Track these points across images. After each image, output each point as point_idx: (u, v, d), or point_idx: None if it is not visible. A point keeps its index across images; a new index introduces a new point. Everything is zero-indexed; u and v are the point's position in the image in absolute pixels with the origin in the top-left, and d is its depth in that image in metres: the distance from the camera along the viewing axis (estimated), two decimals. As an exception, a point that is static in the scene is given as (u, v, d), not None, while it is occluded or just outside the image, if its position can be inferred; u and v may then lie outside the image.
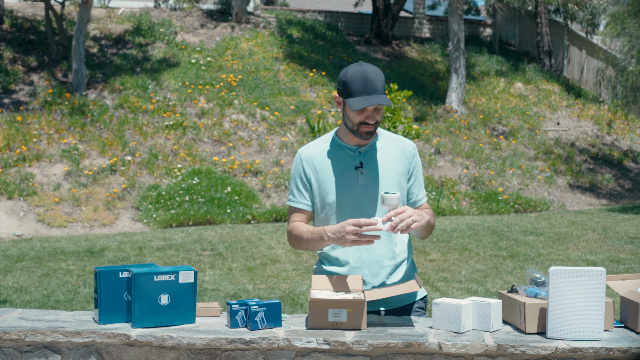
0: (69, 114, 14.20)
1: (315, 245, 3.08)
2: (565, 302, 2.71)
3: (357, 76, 3.00)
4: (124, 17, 19.02)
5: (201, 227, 11.50)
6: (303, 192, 3.16)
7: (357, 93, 3.00)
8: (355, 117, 3.03)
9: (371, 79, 2.99)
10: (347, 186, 3.09)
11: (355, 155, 3.12)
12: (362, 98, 2.99)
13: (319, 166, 3.13)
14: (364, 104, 2.97)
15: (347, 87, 3.02)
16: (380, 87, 3.01)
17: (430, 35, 22.77)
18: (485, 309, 2.84)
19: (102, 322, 2.90)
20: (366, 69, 3.02)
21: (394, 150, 3.16)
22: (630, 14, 15.11)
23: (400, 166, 3.15)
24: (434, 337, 2.76)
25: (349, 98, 3.01)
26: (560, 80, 20.48)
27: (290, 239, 3.18)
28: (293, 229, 3.15)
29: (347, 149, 3.13)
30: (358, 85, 2.99)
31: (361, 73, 3.00)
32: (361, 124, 3.04)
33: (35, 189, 12.16)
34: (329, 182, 3.11)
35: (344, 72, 3.06)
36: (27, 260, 9.09)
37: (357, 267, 3.11)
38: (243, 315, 2.89)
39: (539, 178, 15.16)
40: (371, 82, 2.99)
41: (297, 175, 3.18)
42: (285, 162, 14.08)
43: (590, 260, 8.84)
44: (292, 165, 3.23)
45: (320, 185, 3.13)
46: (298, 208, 3.18)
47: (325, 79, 17.25)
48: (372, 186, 3.10)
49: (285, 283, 7.90)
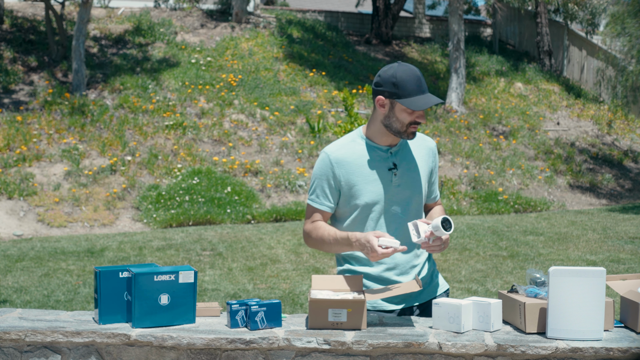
0: (69, 114, 14.20)
1: (339, 249, 3.06)
2: (565, 302, 2.71)
3: (410, 76, 2.97)
4: (124, 17, 19.02)
5: (201, 227, 11.50)
6: (328, 194, 3.09)
7: (413, 93, 2.96)
8: (406, 117, 3.00)
9: (421, 77, 3.00)
10: (380, 188, 3.06)
11: (387, 156, 3.09)
12: (421, 97, 2.96)
13: (350, 168, 3.06)
14: (426, 104, 2.95)
15: (401, 87, 2.97)
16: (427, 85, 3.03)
17: (430, 35, 22.77)
18: (485, 309, 2.84)
19: (102, 322, 2.90)
20: (412, 68, 3.00)
21: (420, 149, 3.17)
22: (630, 14, 15.10)
23: (427, 165, 3.18)
24: (434, 337, 2.76)
25: (403, 99, 2.97)
26: (560, 80, 20.48)
27: (308, 238, 3.14)
28: (313, 230, 3.10)
29: (379, 149, 3.09)
30: (412, 85, 2.96)
31: (413, 72, 2.98)
32: (411, 124, 3.01)
33: (35, 189, 12.16)
34: (362, 184, 3.06)
35: (389, 73, 3.00)
36: (27, 260, 9.09)
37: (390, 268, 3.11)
38: (243, 315, 2.89)
39: (539, 178, 15.16)
40: (422, 80, 2.99)
41: (323, 177, 3.09)
42: (285, 162, 14.08)
43: (590, 260, 8.84)
44: (316, 165, 3.11)
45: (352, 187, 3.06)
46: (320, 209, 3.11)
47: (325, 79, 17.25)
48: (405, 187, 3.10)
49: (285, 283, 7.90)
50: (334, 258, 9.21)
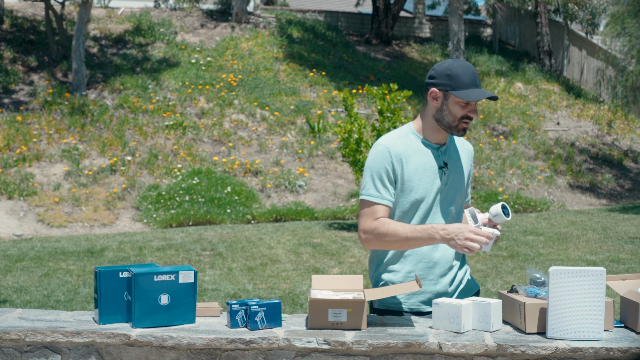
0: (69, 114, 14.20)
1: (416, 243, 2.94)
2: (565, 302, 2.71)
3: (465, 69, 2.98)
4: (124, 17, 19.02)
5: (201, 227, 11.50)
6: (388, 188, 3.01)
7: (467, 85, 2.97)
8: (459, 110, 2.99)
9: (475, 71, 3.01)
10: (432, 185, 3.05)
11: (438, 154, 3.09)
12: (475, 90, 2.97)
13: (407, 162, 3.03)
14: (480, 95, 2.95)
15: (456, 80, 2.97)
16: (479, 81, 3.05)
17: (430, 35, 22.76)
18: (485, 309, 2.84)
19: (102, 322, 2.90)
20: (468, 63, 3.03)
21: (462, 151, 3.19)
22: (630, 14, 15.10)
23: (467, 167, 3.20)
24: (434, 337, 2.76)
25: (457, 90, 2.97)
26: (560, 80, 20.48)
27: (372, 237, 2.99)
28: (381, 226, 2.96)
29: (431, 147, 3.08)
30: (468, 78, 2.97)
31: (468, 67, 3.00)
32: (463, 119, 3.01)
33: (35, 189, 12.16)
34: (416, 180, 3.03)
35: (444, 66, 3.01)
36: (27, 260, 9.09)
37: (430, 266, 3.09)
38: (243, 315, 2.89)
39: (539, 178, 15.16)
40: (476, 75, 3.01)
41: (382, 169, 3.00)
42: (285, 162, 14.08)
43: (590, 260, 8.84)
44: (373, 158, 3.00)
45: (407, 182, 3.03)
46: (382, 204, 3.00)
47: (325, 79, 17.24)
48: (451, 187, 3.10)
49: (285, 283, 7.90)
50: (333, 258, 9.20)
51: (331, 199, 13.24)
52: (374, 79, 18.16)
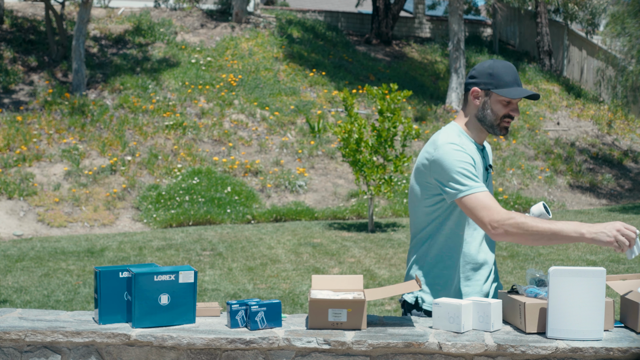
0: (69, 114, 14.20)
1: (560, 238, 2.78)
2: (565, 302, 2.71)
3: (506, 68, 3.02)
4: (124, 17, 19.02)
5: (201, 227, 11.50)
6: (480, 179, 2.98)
7: (509, 84, 3.00)
8: (501, 109, 3.01)
9: (517, 72, 3.05)
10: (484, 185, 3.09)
11: (483, 155, 3.13)
12: (518, 89, 3.01)
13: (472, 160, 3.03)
14: (522, 93, 2.98)
15: (497, 78, 3.00)
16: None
17: (431, 35, 22.77)
18: (485, 309, 2.84)
19: (102, 322, 2.90)
20: (509, 63, 3.07)
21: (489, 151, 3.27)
22: (630, 14, 15.10)
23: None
24: (434, 337, 2.76)
25: (500, 89, 2.99)
26: (560, 80, 20.48)
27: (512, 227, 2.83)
28: (517, 216, 2.83)
29: (478, 147, 3.10)
30: (510, 76, 3.01)
31: (509, 66, 3.04)
32: (504, 118, 3.03)
33: (35, 189, 12.16)
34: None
35: (486, 65, 3.03)
36: (27, 260, 9.09)
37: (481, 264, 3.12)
38: (243, 315, 2.89)
39: (539, 178, 15.16)
40: (518, 75, 3.05)
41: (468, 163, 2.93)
42: (285, 162, 14.08)
43: (590, 260, 8.84)
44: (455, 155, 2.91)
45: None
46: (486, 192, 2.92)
47: (325, 79, 17.24)
48: (489, 187, 3.16)
49: (285, 283, 7.90)
50: (333, 258, 9.21)
51: (331, 199, 13.24)
52: (374, 79, 18.16)
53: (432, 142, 3.03)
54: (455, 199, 2.91)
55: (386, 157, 11.06)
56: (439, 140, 2.99)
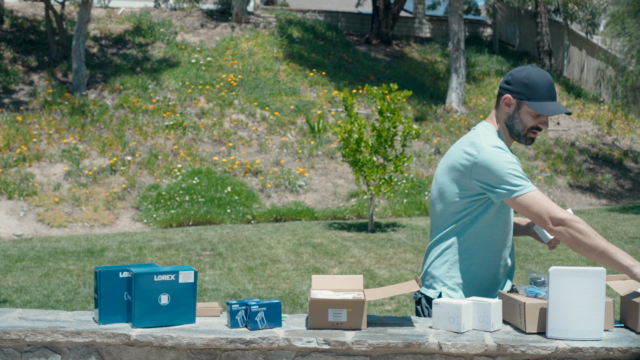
0: (69, 114, 14.20)
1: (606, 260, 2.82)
2: (566, 302, 2.71)
3: (543, 80, 2.95)
4: (124, 17, 19.02)
5: (201, 227, 11.50)
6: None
7: (543, 97, 2.94)
8: (530, 120, 2.98)
9: (553, 83, 2.98)
10: None
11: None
12: (550, 103, 2.94)
13: None
14: (556, 110, 2.93)
15: (532, 90, 2.94)
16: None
17: (431, 35, 22.77)
18: (485, 309, 2.84)
19: (102, 322, 2.90)
20: (546, 73, 2.98)
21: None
22: (630, 14, 15.11)
23: None
24: (434, 337, 2.76)
25: (532, 101, 2.95)
26: (560, 80, 20.48)
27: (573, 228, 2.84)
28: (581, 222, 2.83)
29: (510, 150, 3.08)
30: (545, 90, 2.94)
31: (547, 77, 2.96)
32: (532, 129, 3.00)
33: (35, 189, 12.16)
34: None
35: (523, 74, 2.97)
36: (27, 260, 9.09)
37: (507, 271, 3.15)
38: (243, 315, 2.89)
39: (539, 178, 15.16)
40: (554, 88, 2.97)
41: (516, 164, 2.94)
42: (285, 162, 14.08)
43: (590, 260, 8.83)
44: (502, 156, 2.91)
45: None
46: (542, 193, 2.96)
47: (325, 79, 17.25)
48: None
49: (285, 283, 7.90)
50: (333, 258, 9.21)
51: (331, 199, 13.24)
52: (374, 79, 18.16)
53: (471, 144, 2.98)
54: (509, 198, 2.91)
55: (386, 157, 11.06)
56: (481, 143, 2.95)
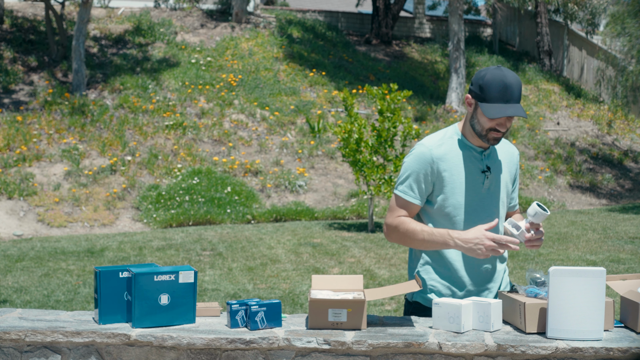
0: (69, 114, 14.20)
1: (431, 246, 2.99)
2: (565, 302, 2.71)
3: (495, 82, 2.92)
4: (124, 17, 19.02)
5: (201, 227, 11.50)
6: (423, 189, 3.03)
7: (493, 99, 2.92)
8: (486, 122, 2.97)
9: (510, 85, 2.91)
10: (473, 189, 3.04)
11: (481, 157, 3.06)
12: (499, 106, 2.91)
13: (449, 165, 3.03)
14: (499, 113, 2.90)
15: (484, 92, 2.93)
16: (518, 95, 2.93)
17: (431, 35, 22.76)
18: (485, 309, 2.84)
19: (102, 322, 2.90)
20: (506, 74, 2.93)
21: (505, 154, 3.16)
22: (630, 14, 15.10)
23: (509, 171, 3.16)
24: (434, 337, 2.76)
25: (483, 103, 2.94)
26: (560, 80, 20.48)
27: (392, 232, 3.06)
28: (401, 224, 3.03)
29: (474, 150, 3.06)
30: (495, 91, 2.91)
31: (500, 79, 2.92)
32: (491, 130, 2.98)
33: (35, 189, 12.16)
34: (457, 183, 3.03)
35: (481, 75, 2.97)
36: (27, 260, 9.09)
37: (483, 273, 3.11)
38: (243, 315, 2.89)
39: (539, 178, 15.16)
40: (509, 89, 2.91)
41: (422, 171, 3.02)
42: (285, 162, 14.08)
43: (590, 260, 8.84)
44: (414, 158, 3.03)
45: (447, 184, 3.03)
46: (411, 202, 3.04)
47: (325, 79, 17.24)
48: (494, 190, 3.08)
49: (285, 283, 7.90)
50: (333, 258, 9.20)
51: (331, 199, 13.24)
52: (374, 79, 18.16)
53: None
54: None
55: (386, 157, 11.06)
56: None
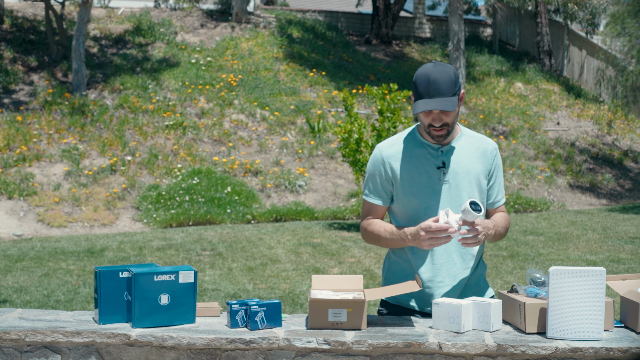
0: (69, 114, 14.20)
1: (395, 244, 3.06)
2: (565, 302, 2.71)
3: (421, 77, 2.93)
4: (124, 17, 19.02)
5: (201, 227, 11.50)
6: (380, 189, 3.10)
7: (420, 95, 2.94)
8: (422, 118, 2.99)
9: (435, 80, 2.91)
10: (429, 186, 3.04)
11: (437, 154, 3.06)
12: (424, 101, 2.92)
13: (402, 164, 3.05)
14: (421, 108, 2.91)
15: (414, 88, 2.97)
16: (444, 89, 2.91)
17: (431, 35, 22.77)
18: (485, 309, 2.84)
19: (102, 322, 2.90)
20: (433, 69, 2.93)
21: (476, 149, 3.11)
22: (630, 14, 15.10)
23: (481, 166, 3.10)
24: (434, 337, 2.76)
25: (415, 99, 2.97)
26: (560, 80, 20.48)
27: (364, 234, 3.16)
28: (368, 226, 3.13)
29: (430, 147, 3.07)
30: (422, 87, 2.93)
31: (425, 74, 2.93)
32: (429, 127, 2.99)
33: (35, 189, 12.16)
34: (412, 181, 3.05)
35: (416, 73, 3.00)
36: (27, 260, 9.09)
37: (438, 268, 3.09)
38: (243, 315, 2.89)
39: (539, 178, 15.16)
40: (434, 84, 2.91)
41: (376, 171, 3.10)
42: (285, 162, 14.09)
43: (590, 260, 8.84)
44: (369, 161, 3.12)
45: (403, 183, 3.05)
46: (374, 204, 3.13)
47: (325, 79, 17.24)
48: (454, 186, 3.06)
49: (285, 283, 7.90)
50: (333, 258, 9.21)
51: (331, 199, 13.24)
52: (374, 79, 18.16)
53: None
54: None
55: (386, 157, 11.05)
56: None
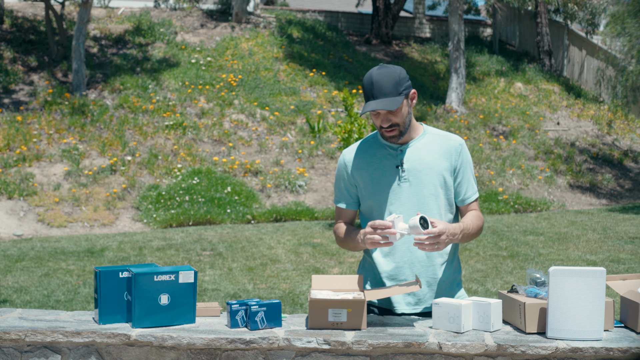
0: (69, 114, 14.20)
1: (355, 247, 3.10)
2: (565, 302, 2.71)
3: (365, 80, 3.01)
4: (124, 17, 19.02)
5: (201, 227, 11.50)
6: (344, 193, 3.19)
7: (366, 97, 3.01)
8: (374, 120, 3.06)
9: (377, 82, 2.96)
10: (388, 185, 3.07)
11: (396, 153, 3.09)
12: (368, 103, 3.00)
13: (360, 166, 3.13)
14: (365, 108, 2.99)
15: (363, 91, 3.05)
16: (388, 89, 2.94)
17: (431, 35, 22.77)
18: (485, 309, 2.84)
19: (102, 322, 2.90)
20: (376, 72, 2.99)
21: (439, 147, 3.10)
22: (630, 14, 15.10)
23: (445, 163, 3.08)
24: (434, 337, 2.76)
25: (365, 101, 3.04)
26: (560, 80, 20.48)
27: (335, 238, 3.24)
28: (336, 230, 3.22)
29: (389, 147, 3.11)
30: (366, 90, 3.01)
31: (369, 77, 3.00)
32: (381, 128, 3.04)
33: (35, 189, 12.16)
34: (373, 182, 3.09)
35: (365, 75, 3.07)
36: (27, 260, 9.09)
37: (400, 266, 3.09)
38: (243, 315, 2.89)
39: (539, 178, 15.16)
40: (376, 85, 2.96)
41: (340, 176, 3.20)
42: (285, 162, 14.08)
43: (590, 260, 8.84)
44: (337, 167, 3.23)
45: (364, 184, 3.11)
46: (341, 208, 3.23)
47: (325, 79, 17.24)
48: (415, 184, 3.06)
49: (285, 283, 7.91)
50: (333, 258, 9.21)
51: (331, 199, 13.24)
52: (374, 79, 18.14)
53: None
54: None
55: (386, 157, 11.05)
56: None
